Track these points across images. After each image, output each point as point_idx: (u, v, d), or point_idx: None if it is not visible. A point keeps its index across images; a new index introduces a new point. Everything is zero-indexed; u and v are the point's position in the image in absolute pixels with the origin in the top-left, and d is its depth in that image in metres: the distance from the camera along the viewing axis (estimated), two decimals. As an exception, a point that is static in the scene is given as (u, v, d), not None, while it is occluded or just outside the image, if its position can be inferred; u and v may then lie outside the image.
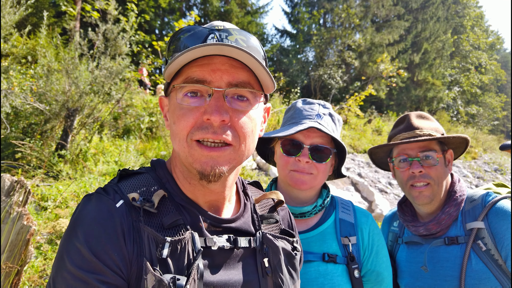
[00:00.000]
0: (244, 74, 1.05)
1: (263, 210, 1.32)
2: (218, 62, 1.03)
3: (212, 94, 1.02)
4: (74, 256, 0.92)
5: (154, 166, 1.19)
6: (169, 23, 24.58)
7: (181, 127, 1.03)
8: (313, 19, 30.51)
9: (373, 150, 2.17)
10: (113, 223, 0.96)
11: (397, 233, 2.18)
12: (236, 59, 1.04)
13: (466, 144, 2.03)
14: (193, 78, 1.03)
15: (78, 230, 0.95)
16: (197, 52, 0.99)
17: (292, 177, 1.74)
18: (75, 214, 1.01)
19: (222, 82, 1.02)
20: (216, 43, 0.97)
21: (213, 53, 1.01)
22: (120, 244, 0.95)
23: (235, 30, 1.08)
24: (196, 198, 1.12)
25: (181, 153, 1.06)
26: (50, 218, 5.02)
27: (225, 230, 1.13)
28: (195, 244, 1.01)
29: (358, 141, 15.96)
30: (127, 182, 1.09)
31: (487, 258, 1.78)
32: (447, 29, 34.96)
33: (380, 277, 1.74)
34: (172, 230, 1.02)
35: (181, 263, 0.98)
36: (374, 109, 24.32)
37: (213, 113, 0.99)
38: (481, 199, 1.90)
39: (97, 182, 6.44)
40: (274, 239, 1.20)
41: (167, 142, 10.11)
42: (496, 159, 20.24)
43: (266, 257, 1.17)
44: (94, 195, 1.03)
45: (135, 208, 1.01)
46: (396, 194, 11.44)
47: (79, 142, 7.57)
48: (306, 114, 1.80)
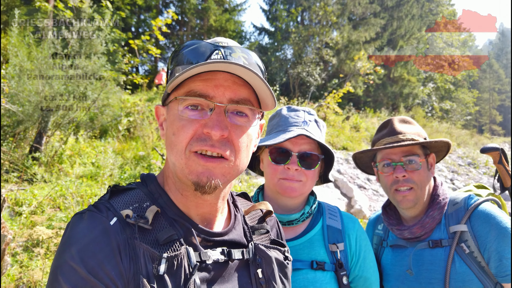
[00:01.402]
0: (245, 91, 1.09)
1: (252, 221, 1.33)
2: (221, 78, 1.06)
3: (213, 108, 1.04)
4: (69, 275, 0.90)
5: (145, 180, 1.17)
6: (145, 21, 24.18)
7: (180, 138, 1.04)
8: (291, 16, 30.62)
9: (357, 155, 2.19)
10: (108, 240, 0.95)
11: (381, 236, 2.21)
12: (238, 76, 1.07)
13: (448, 147, 2.07)
14: (196, 92, 1.05)
15: (72, 249, 0.93)
16: (204, 67, 1.00)
17: (281, 185, 1.74)
18: (66, 232, 0.99)
19: (224, 98, 1.05)
20: (224, 60, 0.99)
21: (220, 69, 1.03)
22: (117, 261, 0.94)
23: (238, 47, 1.11)
24: (188, 211, 1.12)
25: (177, 163, 1.06)
26: (26, 224, 4.87)
27: (218, 243, 1.13)
28: (191, 259, 1.01)
29: (337, 138, 16.14)
30: (119, 198, 1.08)
31: (470, 261, 1.82)
32: (421, 26, 35.71)
33: (368, 282, 1.75)
34: (167, 245, 1.02)
35: (178, 279, 0.98)
36: (352, 106, 24.66)
37: (214, 128, 1.01)
38: (464, 202, 1.94)
39: (74, 186, 6.29)
40: (267, 249, 1.21)
41: (145, 143, 9.97)
42: (470, 153, 20.85)
43: (260, 268, 1.18)
44: (85, 213, 1.01)
45: (129, 225, 1.00)
46: (375, 190, 11.65)
47: (54, 144, 7.38)
48: (292, 121, 1.80)
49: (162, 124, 1.18)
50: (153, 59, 24.48)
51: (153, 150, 9.45)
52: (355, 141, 16.53)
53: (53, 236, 4.35)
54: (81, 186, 6.42)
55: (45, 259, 4.20)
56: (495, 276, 1.79)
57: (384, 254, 2.14)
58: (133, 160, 8.78)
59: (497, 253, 1.76)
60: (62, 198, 5.90)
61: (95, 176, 7.31)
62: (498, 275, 1.77)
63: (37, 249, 4.22)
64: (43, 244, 4.37)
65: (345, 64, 27.33)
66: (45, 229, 4.24)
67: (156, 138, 10.41)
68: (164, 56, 25.81)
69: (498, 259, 1.76)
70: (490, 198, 1.97)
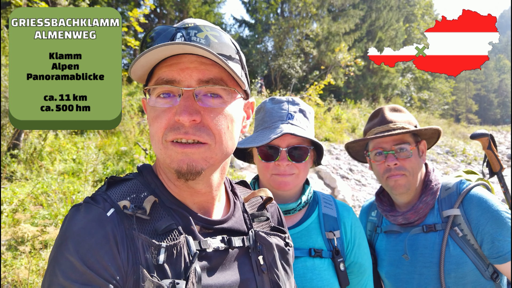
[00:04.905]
0: (215, 70, 1.03)
1: (252, 209, 1.31)
2: (187, 61, 1.01)
3: (182, 94, 1.00)
4: (66, 269, 0.88)
5: (141, 171, 1.16)
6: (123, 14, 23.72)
7: (155, 129, 1.02)
8: (271, 8, 30.51)
9: (350, 144, 2.21)
10: (105, 232, 0.93)
11: (375, 222, 2.25)
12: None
13: (439, 134, 2.11)
14: (163, 79, 1.01)
15: (68, 241, 0.91)
16: (159, 52, 0.97)
17: (274, 181, 1.74)
18: (63, 225, 0.97)
19: (192, 80, 1.00)
20: (178, 42, 0.95)
21: (176, 52, 0.99)
22: (114, 253, 0.92)
23: (207, 26, 1.05)
24: (184, 200, 1.11)
25: (158, 155, 1.04)
26: (7, 222, 4.77)
27: (218, 231, 1.12)
28: (190, 247, 1.00)
29: (319, 129, 16.28)
30: (116, 189, 1.06)
31: (463, 244, 1.87)
32: (399, 17, 36.17)
33: (363, 268, 1.79)
34: (166, 235, 1.00)
35: (178, 267, 0.97)
36: (333, 98, 24.84)
37: (181, 114, 0.97)
38: (456, 187, 1.99)
39: (56, 182, 6.19)
40: (267, 236, 1.20)
41: (127, 137, 9.84)
42: (448, 142, 21.36)
43: (261, 255, 1.17)
44: (82, 205, 0.99)
45: (127, 216, 0.99)
46: (357, 180, 11.84)
47: (33, 141, 7.21)
48: (277, 115, 1.78)
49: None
50: (132, 52, 24.07)
51: (135, 145, 9.34)
52: (337, 132, 16.71)
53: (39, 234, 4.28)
54: (63, 183, 6.31)
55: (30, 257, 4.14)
56: (488, 257, 1.84)
57: (378, 240, 2.18)
58: (115, 156, 8.66)
59: (490, 235, 1.81)
60: (45, 195, 5.79)
61: (77, 173, 7.20)
62: (490, 257, 1.83)
63: (22, 247, 4.15)
64: (28, 242, 4.30)
65: (325, 55, 27.48)
66: (30, 227, 4.15)
67: (138, 133, 10.29)
68: (144, 50, 25.39)
69: (490, 241, 1.81)
70: (480, 182, 2.02)
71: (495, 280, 1.87)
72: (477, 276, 1.86)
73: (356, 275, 1.78)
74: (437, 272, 1.90)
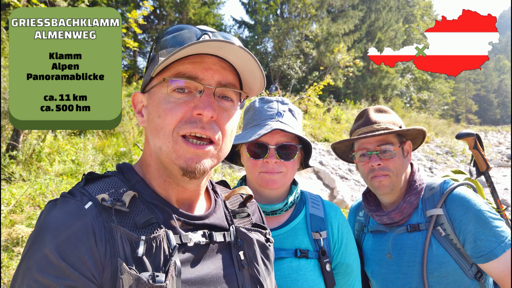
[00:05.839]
0: (231, 76, 1.11)
1: (233, 206, 1.33)
2: (210, 62, 1.08)
3: (203, 90, 1.04)
4: (40, 262, 0.87)
5: (121, 169, 1.16)
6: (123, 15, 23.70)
7: (167, 121, 1.03)
8: (270, 9, 30.56)
9: (335, 145, 2.22)
10: (83, 224, 0.92)
11: (362, 222, 2.27)
12: (224, 61, 1.09)
13: (424, 135, 2.12)
14: (185, 74, 1.05)
15: (44, 234, 0.90)
16: (199, 46, 1.00)
17: (262, 179, 1.74)
18: (40, 220, 0.96)
19: (213, 80, 1.06)
20: (221, 39, 1.00)
21: (212, 51, 1.05)
22: (91, 245, 0.91)
23: (221, 33, 1.14)
24: (169, 196, 1.12)
25: (163, 147, 1.04)
26: (4, 224, 4.77)
27: (199, 226, 1.13)
28: (170, 241, 1.00)
29: (319, 130, 16.30)
30: (94, 185, 1.05)
31: (446, 243, 1.89)
32: (398, 18, 36.23)
33: (350, 269, 1.79)
34: (145, 229, 1.00)
35: (158, 261, 0.97)
36: (332, 98, 24.91)
37: (206, 108, 1.01)
38: (440, 187, 2.00)
39: (54, 183, 6.18)
40: (248, 232, 1.22)
41: (126, 138, 9.84)
42: (447, 142, 21.39)
43: (241, 250, 1.18)
44: (59, 199, 0.99)
45: (106, 208, 0.98)
46: (356, 180, 11.84)
47: (32, 142, 7.21)
48: (266, 114, 1.79)
49: (141, 111, 1.16)
50: (131, 53, 24.07)
51: (134, 146, 9.34)
52: (336, 133, 16.73)
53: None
54: (61, 184, 6.31)
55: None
56: (471, 257, 1.86)
57: (365, 240, 2.20)
58: (114, 157, 8.66)
59: (472, 235, 1.83)
60: (42, 196, 5.79)
61: (75, 174, 7.19)
62: (473, 256, 1.84)
63: (17, 248, 4.14)
64: (23, 243, 4.29)
65: (325, 56, 27.51)
66: (25, 228, 4.15)
67: (137, 134, 10.29)
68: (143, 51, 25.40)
69: (473, 241, 1.83)
70: (465, 182, 2.03)
71: (479, 280, 1.88)
72: (460, 276, 1.87)
73: (343, 276, 1.78)
74: (420, 271, 1.91)
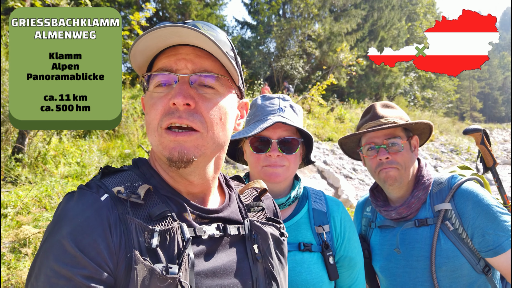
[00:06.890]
0: (209, 63, 1.09)
1: (248, 200, 1.33)
2: (183, 52, 1.07)
3: (178, 80, 1.05)
4: (57, 252, 0.88)
5: (137, 163, 1.17)
6: (125, 17, 23.80)
7: (152, 116, 1.05)
8: (272, 9, 30.52)
9: (343, 140, 2.23)
10: (98, 215, 0.94)
11: (370, 218, 2.27)
12: (201, 49, 1.08)
13: (430, 129, 2.13)
14: (162, 68, 1.07)
15: (61, 225, 0.92)
16: (156, 37, 1.02)
17: (265, 172, 1.78)
18: (57, 211, 0.97)
19: (187, 70, 1.06)
20: (175, 24, 1.00)
21: (173, 39, 1.05)
22: (106, 237, 0.92)
23: (205, 25, 1.10)
24: (180, 190, 1.12)
25: (153, 142, 1.07)
26: (11, 225, 4.80)
27: (213, 220, 1.13)
28: (184, 233, 1.01)
29: (322, 130, 16.27)
30: (111, 178, 1.07)
31: (454, 237, 1.89)
32: (401, 16, 36.09)
33: (353, 262, 1.82)
34: (160, 221, 1.01)
35: (171, 252, 0.97)
36: (336, 98, 24.84)
37: (176, 96, 1.01)
38: (447, 182, 2.01)
39: (59, 185, 6.21)
40: (262, 225, 1.22)
41: (131, 140, 9.88)
42: (452, 140, 21.28)
43: (256, 244, 1.18)
44: (76, 191, 1.00)
45: (121, 200, 0.99)
46: (360, 179, 11.82)
47: (37, 145, 7.25)
48: (268, 110, 1.85)
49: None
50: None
51: (139, 148, 9.37)
52: (340, 132, 16.69)
53: (41, 236, 4.31)
54: (67, 186, 6.35)
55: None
56: (478, 251, 1.86)
57: (373, 235, 2.21)
58: (118, 158, 8.71)
59: (480, 229, 1.83)
60: (48, 198, 5.82)
61: (80, 176, 7.23)
62: (481, 250, 1.85)
63: (25, 249, 4.17)
64: (30, 244, 4.31)
65: (328, 56, 27.45)
66: (31, 229, 4.18)
67: (142, 135, 10.32)
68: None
69: (481, 235, 1.83)
70: (473, 177, 2.03)
71: (486, 274, 1.88)
72: (469, 270, 1.88)
73: (347, 269, 1.81)
74: (428, 265, 1.92)
